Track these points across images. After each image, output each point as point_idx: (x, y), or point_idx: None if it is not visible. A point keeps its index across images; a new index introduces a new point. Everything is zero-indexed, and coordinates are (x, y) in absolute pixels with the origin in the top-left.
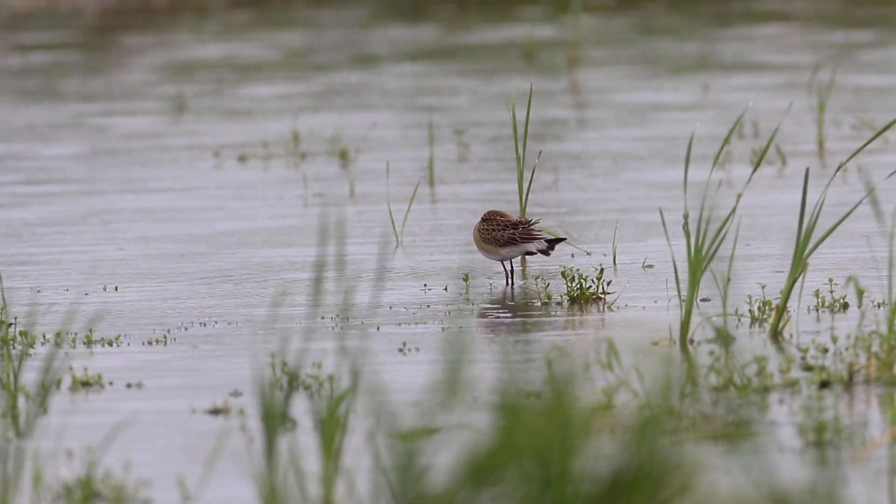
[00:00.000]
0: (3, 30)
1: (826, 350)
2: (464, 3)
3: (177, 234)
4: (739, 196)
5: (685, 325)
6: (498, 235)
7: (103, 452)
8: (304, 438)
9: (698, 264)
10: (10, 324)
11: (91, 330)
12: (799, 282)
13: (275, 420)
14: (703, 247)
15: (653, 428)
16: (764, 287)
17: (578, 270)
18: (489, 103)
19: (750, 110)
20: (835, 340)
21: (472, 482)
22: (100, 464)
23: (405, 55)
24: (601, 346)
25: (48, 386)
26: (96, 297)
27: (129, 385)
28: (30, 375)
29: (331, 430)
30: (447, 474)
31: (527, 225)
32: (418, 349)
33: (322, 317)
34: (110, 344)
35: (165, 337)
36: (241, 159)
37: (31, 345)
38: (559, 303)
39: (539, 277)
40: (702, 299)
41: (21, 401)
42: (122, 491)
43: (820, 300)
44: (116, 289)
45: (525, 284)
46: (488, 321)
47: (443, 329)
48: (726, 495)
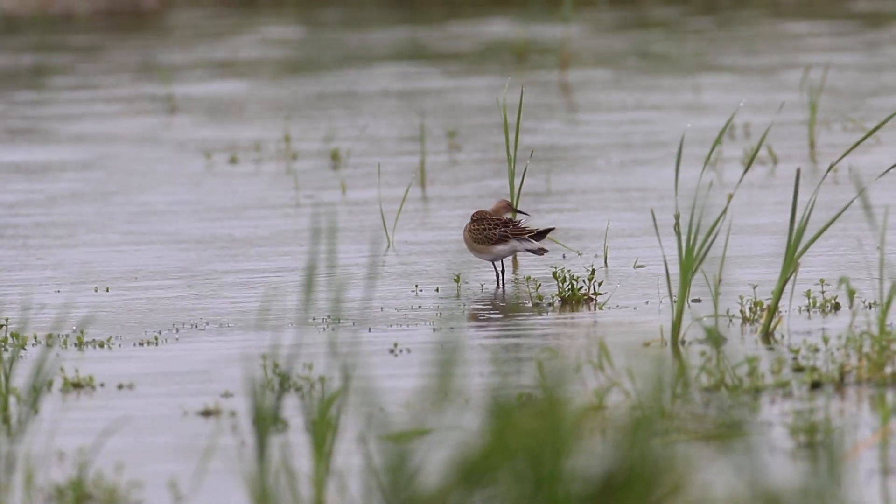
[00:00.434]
0: None
1: (817, 350)
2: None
3: (168, 236)
4: (731, 197)
5: (676, 326)
6: (490, 234)
7: (95, 454)
8: (296, 439)
9: (689, 265)
10: (1, 325)
11: (82, 331)
12: (790, 282)
13: (266, 421)
14: (695, 248)
15: (644, 428)
16: (755, 287)
17: (570, 271)
18: (480, 104)
19: (741, 110)
20: (826, 341)
21: (464, 483)
22: (91, 465)
23: (396, 55)
24: (593, 347)
25: (40, 388)
26: (88, 299)
27: (121, 386)
28: (21, 377)
29: (322, 432)
30: (439, 475)
31: (517, 223)
32: (409, 350)
33: (313, 318)
34: (102, 346)
35: (157, 338)
36: (233, 161)
37: (23, 346)
38: (550, 304)
39: (530, 278)
40: (693, 300)
41: (12, 402)
42: (114, 493)
43: (811, 301)
44: (108, 290)
45: (516, 285)
46: (479, 322)
47: (434, 330)
48: (718, 496)
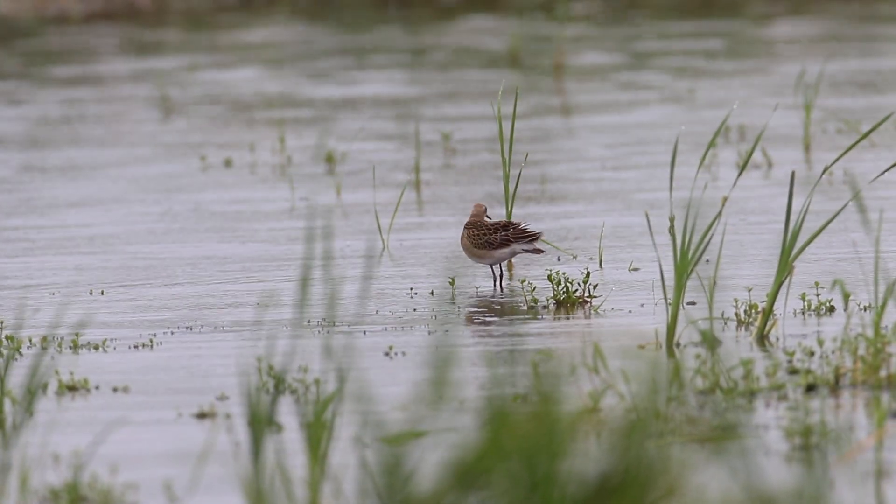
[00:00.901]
0: None
1: (812, 353)
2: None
3: (163, 238)
4: (725, 199)
5: (671, 329)
6: (491, 239)
7: (90, 456)
8: (291, 442)
9: (684, 268)
10: None
11: (77, 334)
12: (785, 285)
13: (261, 424)
14: (689, 250)
15: (639, 431)
16: (750, 290)
17: (565, 274)
18: (475, 107)
19: (735, 112)
20: (821, 344)
21: (459, 485)
22: (86, 468)
23: (392, 57)
24: (587, 350)
25: (34, 390)
26: (83, 302)
27: (116, 389)
28: (16, 380)
29: (317, 434)
30: (434, 478)
31: (516, 225)
32: (405, 353)
33: (308, 321)
34: (97, 348)
35: (152, 341)
36: (227, 163)
37: (18, 349)
38: (545, 306)
39: (525, 281)
40: (688, 303)
41: (7, 405)
42: (109, 495)
43: (806, 303)
44: (102, 293)
45: (511, 288)
46: (474, 325)
47: (429, 333)
48: (713, 499)
